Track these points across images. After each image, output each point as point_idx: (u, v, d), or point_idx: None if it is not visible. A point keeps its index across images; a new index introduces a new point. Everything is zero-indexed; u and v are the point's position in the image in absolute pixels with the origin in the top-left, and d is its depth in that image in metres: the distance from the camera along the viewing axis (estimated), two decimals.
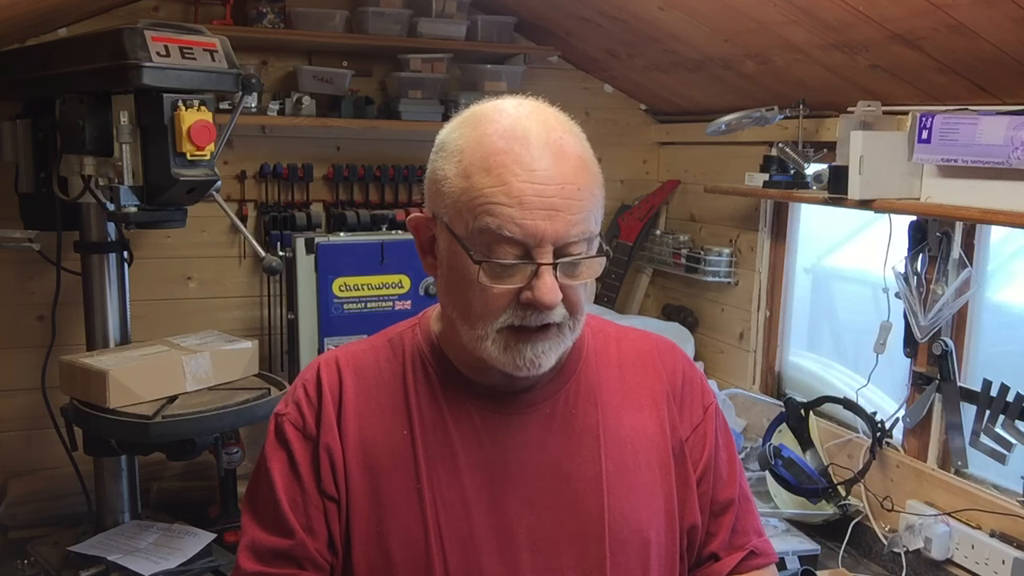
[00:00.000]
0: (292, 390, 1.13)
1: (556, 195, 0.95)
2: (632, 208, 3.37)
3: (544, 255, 0.96)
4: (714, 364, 3.11)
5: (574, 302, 1.01)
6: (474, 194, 0.97)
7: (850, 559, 2.30)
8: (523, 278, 0.97)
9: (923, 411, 2.23)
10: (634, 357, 1.18)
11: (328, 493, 1.05)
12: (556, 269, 0.96)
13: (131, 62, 1.92)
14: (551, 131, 0.99)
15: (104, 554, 2.19)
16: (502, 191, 0.95)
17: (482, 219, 0.96)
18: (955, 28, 1.78)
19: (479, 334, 1.00)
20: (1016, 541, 1.97)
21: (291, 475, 1.07)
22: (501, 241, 0.95)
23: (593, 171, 1.01)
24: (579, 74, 3.34)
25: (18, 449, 2.74)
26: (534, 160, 0.96)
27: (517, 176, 0.95)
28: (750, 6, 2.12)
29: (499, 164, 0.96)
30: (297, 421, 1.09)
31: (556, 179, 0.96)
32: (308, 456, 1.07)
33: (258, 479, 1.11)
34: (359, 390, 1.09)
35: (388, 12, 2.87)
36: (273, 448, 1.10)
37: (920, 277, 2.20)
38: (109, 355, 2.21)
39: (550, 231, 0.95)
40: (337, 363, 1.11)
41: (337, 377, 1.10)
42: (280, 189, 2.98)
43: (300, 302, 2.73)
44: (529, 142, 0.97)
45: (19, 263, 2.67)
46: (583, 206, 0.98)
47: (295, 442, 1.08)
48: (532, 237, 0.95)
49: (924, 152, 1.97)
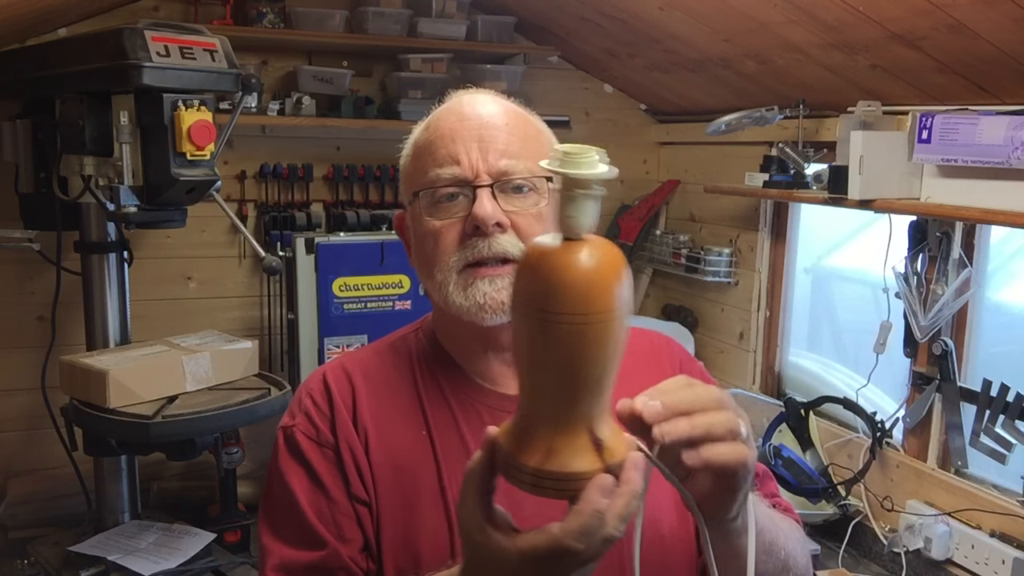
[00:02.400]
0: (297, 401, 1.10)
1: (483, 127, 1.03)
2: (632, 208, 3.37)
3: (480, 182, 1.02)
4: (714, 364, 3.11)
5: (527, 233, 1.02)
6: (419, 154, 1.07)
7: (850, 559, 2.30)
8: (466, 206, 1.02)
9: (923, 411, 2.23)
10: (635, 352, 1.18)
11: (359, 497, 1.02)
12: (494, 191, 1.01)
13: (131, 62, 1.92)
14: (491, 97, 1.09)
15: (104, 554, 2.20)
16: (438, 138, 1.05)
17: (424, 166, 1.04)
18: (955, 28, 1.78)
19: (441, 281, 1.03)
20: (1016, 541, 1.97)
21: (313, 487, 1.03)
22: (440, 181, 1.03)
23: (532, 122, 1.09)
24: (579, 74, 3.34)
25: (18, 449, 2.74)
26: (463, 108, 1.06)
27: (449, 122, 1.05)
28: (750, 6, 2.12)
29: (436, 126, 1.06)
30: (310, 431, 1.06)
31: (485, 117, 1.05)
32: (329, 464, 1.04)
33: (275, 497, 1.06)
34: (371, 395, 1.07)
35: (388, 12, 2.88)
36: (288, 462, 1.06)
37: (920, 277, 2.20)
38: (109, 355, 2.21)
39: (480, 159, 1.02)
40: (345, 369, 1.10)
41: (348, 383, 1.08)
42: (280, 189, 2.98)
43: (300, 302, 2.73)
44: (463, 102, 1.07)
45: (19, 263, 2.67)
46: (515, 140, 1.04)
47: (311, 452, 1.04)
48: (466, 167, 1.02)
49: (924, 152, 1.97)
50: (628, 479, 0.73)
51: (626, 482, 0.73)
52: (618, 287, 0.71)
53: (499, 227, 1.01)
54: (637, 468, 0.73)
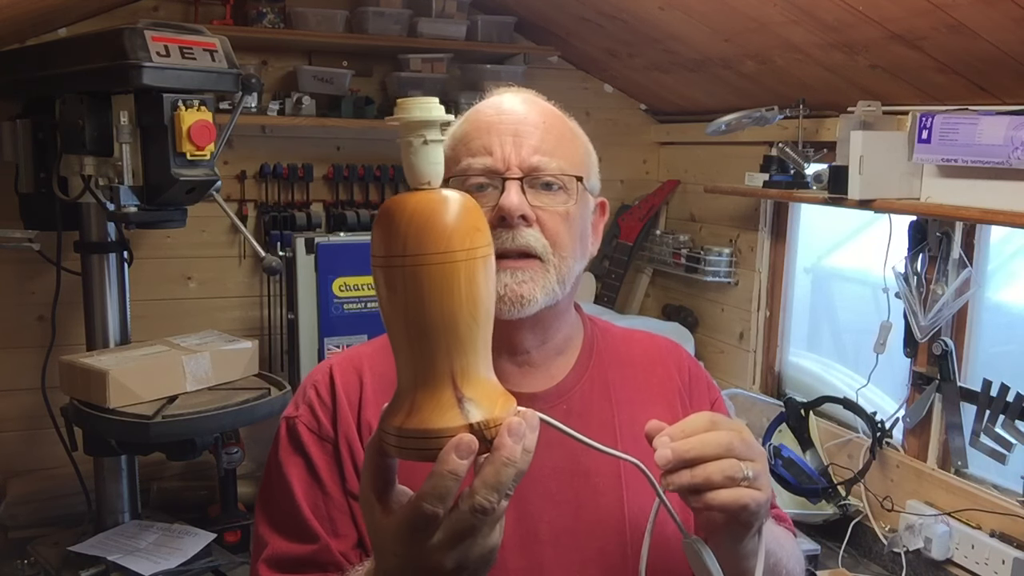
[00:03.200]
0: (301, 392, 1.10)
1: (520, 123, 1.04)
2: (632, 208, 3.37)
3: (510, 174, 1.02)
4: (714, 364, 3.11)
5: (552, 231, 1.02)
6: (455, 144, 1.06)
7: (850, 559, 2.30)
8: (494, 198, 1.01)
9: (923, 411, 2.23)
10: (642, 355, 1.18)
11: (354, 493, 1.01)
12: (523, 184, 1.02)
13: (131, 62, 1.92)
14: (531, 95, 1.10)
15: (104, 554, 2.19)
16: (474, 129, 1.05)
17: (458, 156, 1.05)
18: (955, 28, 1.78)
19: None
20: (1016, 541, 1.97)
21: (310, 480, 1.03)
22: (472, 169, 1.03)
23: (569, 126, 1.10)
24: (579, 74, 3.34)
25: (18, 449, 2.74)
26: (503, 103, 1.07)
27: (487, 115, 1.06)
28: (750, 6, 2.12)
29: (475, 119, 1.07)
30: (312, 424, 1.06)
31: (522, 113, 1.05)
32: (328, 458, 1.04)
33: (273, 486, 1.06)
34: (379, 391, 1.06)
35: (388, 12, 2.88)
36: (288, 453, 1.05)
37: (920, 277, 2.20)
38: (109, 355, 2.21)
39: (513, 152, 1.02)
40: (353, 364, 1.09)
41: (355, 378, 1.07)
42: (280, 189, 2.98)
43: (300, 302, 2.73)
44: (503, 98, 1.09)
45: (19, 263, 2.67)
46: (549, 139, 1.04)
47: (312, 446, 1.04)
48: (498, 158, 1.02)
49: (924, 152, 1.97)
50: (500, 444, 0.68)
51: (497, 447, 0.68)
52: (457, 228, 0.69)
53: (524, 220, 1.01)
54: (513, 433, 0.69)
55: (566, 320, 1.12)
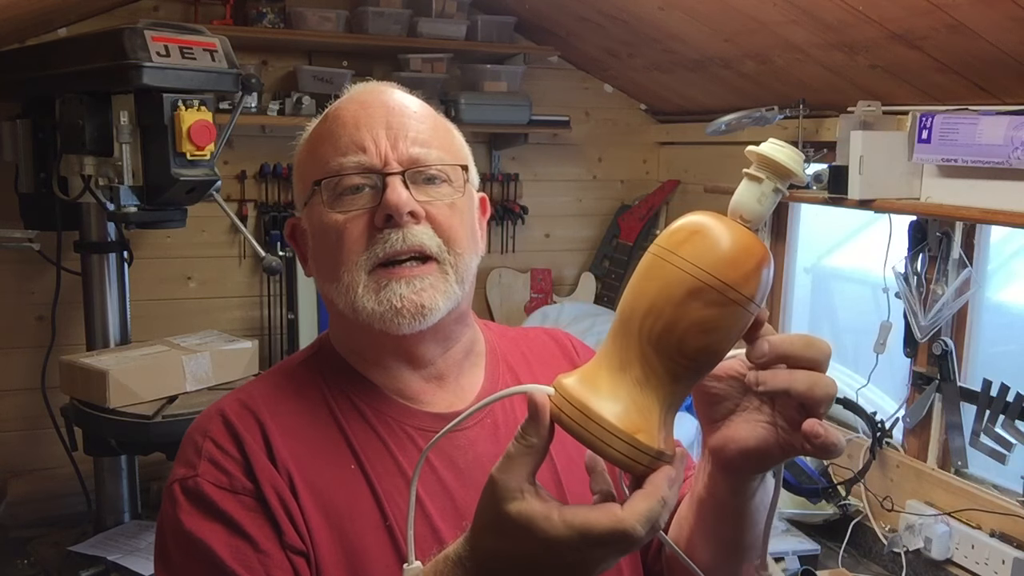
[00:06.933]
0: (192, 449, 0.93)
1: (390, 114, 0.96)
2: (632, 208, 3.37)
3: (390, 169, 0.93)
4: None
5: (445, 226, 0.94)
6: (317, 145, 0.97)
7: (850, 559, 2.30)
8: (373, 198, 0.93)
9: (923, 411, 2.23)
10: (539, 351, 1.12)
11: (294, 547, 0.87)
12: (405, 179, 0.93)
13: (131, 62, 1.92)
14: (394, 86, 1.01)
15: (104, 554, 2.19)
16: (339, 127, 0.96)
17: (324, 157, 0.95)
18: (955, 28, 1.78)
19: (348, 283, 0.92)
20: (1016, 541, 1.97)
21: (236, 539, 0.86)
22: (345, 169, 0.94)
23: (438, 115, 1.01)
24: (579, 74, 3.34)
25: (18, 449, 2.73)
26: (365, 96, 0.98)
27: (351, 110, 0.96)
28: (750, 6, 2.12)
29: (336, 115, 0.98)
30: (219, 479, 0.89)
31: (390, 104, 0.97)
32: (252, 513, 0.87)
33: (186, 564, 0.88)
34: (284, 431, 0.93)
35: (388, 12, 2.88)
36: (197, 519, 0.87)
37: (920, 277, 2.20)
38: (109, 355, 2.21)
39: (389, 147, 0.94)
40: (245, 406, 0.95)
41: (253, 421, 0.93)
42: (280, 189, 2.98)
43: (300, 302, 2.73)
44: (364, 90, 1.00)
45: (19, 263, 2.67)
46: (424, 128, 0.96)
47: (226, 502, 0.87)
48: (373, 154, 0.93)
49: (924, 152, 1.97)
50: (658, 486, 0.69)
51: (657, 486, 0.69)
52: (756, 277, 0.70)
53: (413, 217, 0.92)
54: (673, 483, 0.69)
55: (467, 323, 1.03)
